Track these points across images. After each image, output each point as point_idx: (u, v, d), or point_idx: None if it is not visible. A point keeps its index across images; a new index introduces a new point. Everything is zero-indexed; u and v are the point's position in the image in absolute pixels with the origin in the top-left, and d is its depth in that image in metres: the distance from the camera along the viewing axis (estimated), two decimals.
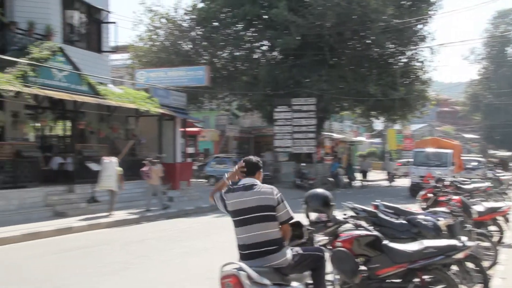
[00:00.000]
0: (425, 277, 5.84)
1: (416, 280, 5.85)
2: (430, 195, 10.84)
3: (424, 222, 7.31)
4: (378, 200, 8.66)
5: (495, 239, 9.76)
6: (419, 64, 32.63)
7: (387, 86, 28.73)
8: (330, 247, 5.93)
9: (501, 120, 62.61)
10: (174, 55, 31.56)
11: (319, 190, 6.08)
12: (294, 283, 4.87)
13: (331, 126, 41.00)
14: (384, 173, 39.57)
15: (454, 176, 17.57)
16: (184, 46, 32.91)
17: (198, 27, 31.99)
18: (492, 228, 10.23)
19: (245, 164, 5.11)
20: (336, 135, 41.96)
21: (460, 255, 5.76)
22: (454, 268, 6.21)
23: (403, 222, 7.49)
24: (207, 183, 28.27)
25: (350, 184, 32.67)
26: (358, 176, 34.29)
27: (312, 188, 6.62)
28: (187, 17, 32.76)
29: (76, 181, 17.23)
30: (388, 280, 5.94)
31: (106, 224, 14.71)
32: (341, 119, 44.97)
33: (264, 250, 4.70)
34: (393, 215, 8.00)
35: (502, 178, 21.30)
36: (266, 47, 32.68)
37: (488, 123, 66.68)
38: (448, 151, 26.10)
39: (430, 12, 31.06)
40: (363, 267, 5.94)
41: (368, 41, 29.72)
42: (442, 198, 10.03)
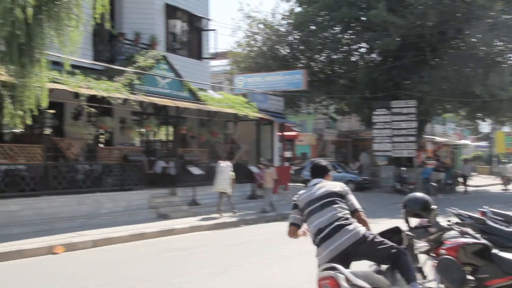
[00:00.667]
0: None
1: None
2: None
3: None
4: (485, 206, 8.17)
5: None
6: None
7: (495, 86, 27.16)
8: (433, 254, 5.67)
9: None
10: (272, 60, 31.84)
11: (418, 194, 5.87)
12: None
13: (433, 129, 39.45)
14: (492, 177, 37.43)
15: None
16: (282, 51, 33.11)
17: (295, 31, 32.06)
18: None
19: (313, 167, 5.44)
20: (438, 138, 40.33)
21: None
22: None
23: None
24: (305, 187, 28.17)
25: (452, 190, 31.17)
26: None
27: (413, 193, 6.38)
28: (285, 21, 32.97)
29: (178, 184, 17.84)
30: None
31: (207, 226, 15.07)
32: (443, 121, 43.18)
33: (337, 224, 4.82)
34: (503, 223, 7.51)
35: None
36: (364, 49, 32.11)
37: None
38: None
39: None
40: (470, 277, 5.61)
41: (473, 39, 28.30)
42: None
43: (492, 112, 31.27)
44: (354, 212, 5.07)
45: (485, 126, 42.38)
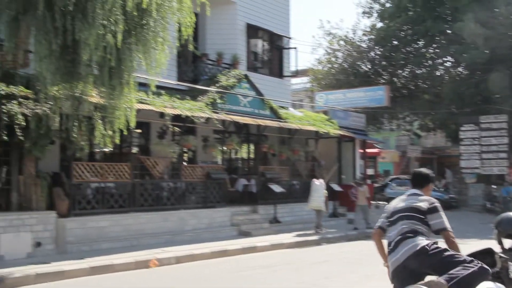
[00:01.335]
0: None
1: None
2: None
3: None
4: None
5: None
6: None
7: None
8: None
9: None
10: (353, 76, 31.54)
11: None
12: None
13: None
14: None
15: None
16: (363, 67, 32.75)
17: (377, 47, 31.64)
18: None
19: (413, 175, 5.18)
20: None
21: None
22: None
23: None
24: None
25: None
26: None
27: (505, 212, 6.00)
28: (366, 37, 32.63)
29: (259, 202, 17.92)
30: None
31: (288, 244, 15.00)
32: None
33: (400, 237, 4.63)
34: None
35: None
36: (449, 63, 31.12)
37: None
38: None
39: None
40: None
41: None
42: None
43: None
44: (440, 231, 4.74)
45: None
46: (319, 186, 17.20)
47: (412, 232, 4.64)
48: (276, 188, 18.05)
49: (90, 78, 10.85)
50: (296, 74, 24.35)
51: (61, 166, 13.86)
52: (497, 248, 5.17)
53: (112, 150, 15.37)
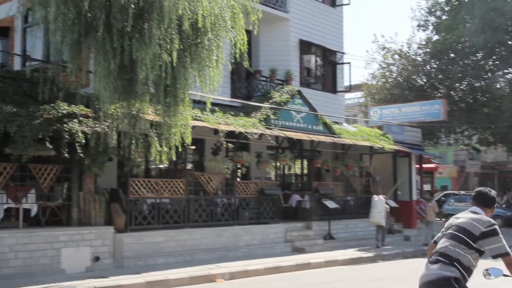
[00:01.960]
0: None
1: None
2: None
3: None
4: None
5: None
6: None
7: None
8: None
9: None
10: (408, 90, 31.04)
11: None
12: None
13: None
14: None
15: None
16: (418, 81, 32.18)
17: (433, 60, 31.03)
18: None
19: (478, 193, 4.97)
20: None
21: None
22: None
23: None
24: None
25: None
26: None
27: None
28: (421, 51, 32.12)
29: (313, 218, 17.78)
30: None
31: (342, 261, 14.79)
32: None
33: (442, 256, 4.57)
34: None
35: None
36: (510, 75, 30.11)
37: None
38: None
39: None
40: None
41: None
42: None
43: None
44: (500, 256, 4.50)
45: None
46: (378, 201, 17.34)
47: (450, 258, 4.53)
48: (330, 204, 17.89)
49: (146, 96, 11.12)
50: (350, 89, 24.13)
51: (118, 183, 14.22)
52: None
53: (167, 166, 15.64)
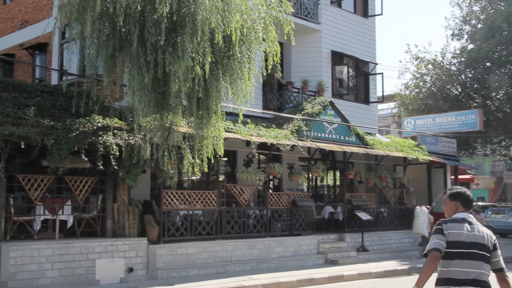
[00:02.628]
0: None
1: None
2: None
3: None
4: None
5: None
6: None
7: None
8: None
9: None
10: (442, 100, 30.60)
11: None
12: None
13: None
14: None
15: None
16: (453, 91, 31.69)
17: (468, 70, 30.54)
18: None
19: (465, 196, 4.79)
20: None
21: None
22: None
23: None
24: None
25: None
26: None
27: None
28: (455, 60, 31.67)
29: (346, 229, 17.62)
30: None
31: (376, 273, 14.60)
32: None
33: (480, 282, 4.41)
34: None
35: None
36: None
37: None
38: None
39: None
40: None
41: None
42: None
43: None
44: (498, 271, 4.58)
45: None
46: (420, 212, 17.56)
47: (483, 284, 4.42)
48: (363, 216, 17.70)
49: (179, 109, 11.27)
50: (383, 99, 23.91)
51: (151, 194, 14.38)
52: None
53: (199, 178, 15.75)
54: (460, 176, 26.00)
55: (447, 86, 31.57)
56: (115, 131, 11.85)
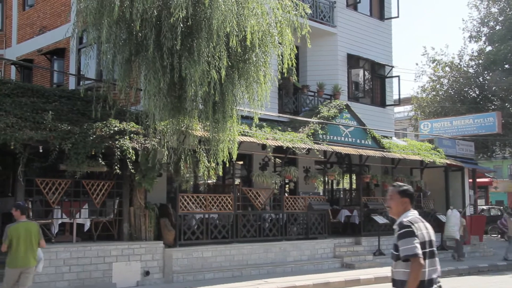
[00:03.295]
0: None
1: None
2: None
3: None
4: None
5: None
6: None
7: None
8: None
9: None
10: (460, 103, 30.35)
11: None
12: None
13: None
14: None
15: None
16: (471, 93, 31.41)
17: (486, 72, 30.24)
18: None
19: (410, 192, 4.86)
20: None
21: None
22: None
23: None
24: (501, 239, 25.84)
25: None
26: None
27: None
28: (473, 62, 31.39)
29: (363, 233, 17.52)
30: None
31: None
32: None
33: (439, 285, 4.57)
34: None
35: None
36: None
37: None
38: None
39: None
40: None
41: None
42: None
43: None
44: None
45: None
46: (450, 215, 18.26)
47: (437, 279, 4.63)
48: (380, 219, 17.58)
49: (195, 113, 11.30)
50: (399, 102, 23.76)
51: (167, 198, 14.45)
52: None
53: (215, 181, 15.78)
54: (478, 180, 25.74)
55: (465, 89, 31.32)
56: (132, 135, 11.94)
